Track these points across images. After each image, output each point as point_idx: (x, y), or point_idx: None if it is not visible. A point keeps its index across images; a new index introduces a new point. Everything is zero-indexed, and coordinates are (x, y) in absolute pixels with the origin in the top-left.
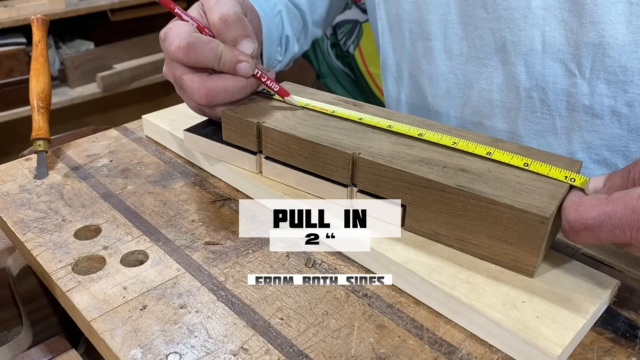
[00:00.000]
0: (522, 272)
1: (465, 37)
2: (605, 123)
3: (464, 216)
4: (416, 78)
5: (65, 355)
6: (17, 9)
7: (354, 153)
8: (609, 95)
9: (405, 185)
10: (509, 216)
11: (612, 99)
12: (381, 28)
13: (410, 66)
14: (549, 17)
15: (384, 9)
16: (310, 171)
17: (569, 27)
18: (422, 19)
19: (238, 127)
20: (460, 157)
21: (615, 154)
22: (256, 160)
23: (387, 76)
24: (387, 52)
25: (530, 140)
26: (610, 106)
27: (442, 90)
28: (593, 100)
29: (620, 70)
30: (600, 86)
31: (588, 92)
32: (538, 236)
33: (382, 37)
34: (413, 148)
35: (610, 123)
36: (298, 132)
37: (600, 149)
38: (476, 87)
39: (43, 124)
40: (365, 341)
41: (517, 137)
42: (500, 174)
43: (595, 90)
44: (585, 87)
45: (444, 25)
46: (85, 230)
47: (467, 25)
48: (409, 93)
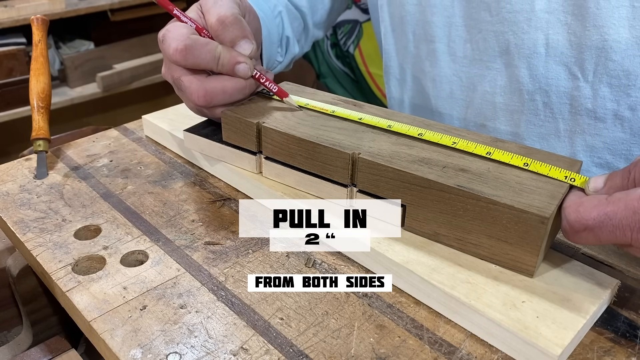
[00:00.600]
0: (522, 272)
1: (469, 39)
2: (608, 126)
3: (463, 216)
4: (419, 80)
5: (65, 355)
6: (17, 9)
7: (354, 153)
8: (611, 98)
9: (405, 185)
10: (508, 216)
11: (615, 103)
12: (384, 30)
13: (414, 68)
14: (552, 20)
15: (387, 11)
16: (310, 171)
17: (572, 31)
18: (426, 21)
19: (238, 127)
20: (460, 157)
21: (617, 157)
22: (256, 161)
23: (390, 78)
24: (390, 54)
25: (533, 143)
26: (613, 110)
27: (445, 92)
28: (596, 104)
29: (623, 74)
30: (603, 90)
31: (591, 96)
32: (538, 236)
33: (385, 39)
34: (413, 148)
35: (613, 127)
36: (298, 132)
37: (602, 153)
38: (479, 89)
39: (43, 124)
40: (365, 341)
41: (520, 140)
42: (500, 174)
43: (598, 93)
44: (588, 91)
45: (448, 27)
46: (85, 230)
47: (471, 28)
48: (412, 95)
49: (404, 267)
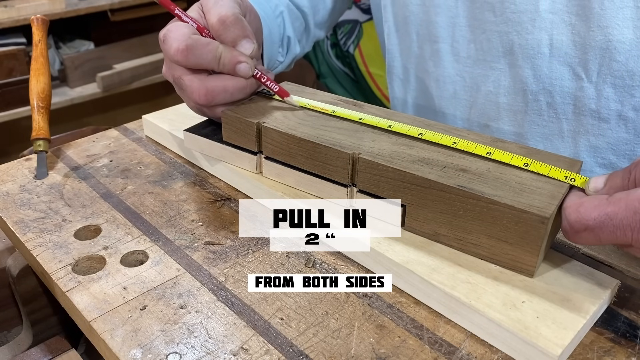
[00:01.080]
0: (522, 272)
1: (473, 39)
2: (612, 127)
3: (464, 216)
4: (423, 80)
5: (65, 355)
6: (17, 9)
7: (354, 153)
8: (615, 99)
9: (405, 185)
10: (509, 216)
11: (619, 103)
12: (388, 30)
13: (417, 68)
14: (557, 21)
15: (391, 11)
16: (311, 171)
17: (576, 31)
18: (430, 21)
19: (238, 127)
20: (461, 157)
21: (621, 157)
22: (256, 161)
23: (393, 78)
24: (393, 54)
25: (536, 143)
26: (617, 110)
27: (449, 92)
28: (600, 104)
29: (627, 74)
30: (607, 90)
31: (595, 96)
32: (538, 236)
33: (388, 40)
34: (413, 148)
35: (616, 127)
36: (298, 132)
37: (606, 153)
38: (483, 89)
39: (43, 124)
40: (365, 341)
41: (523, 140)
42: (500, 174)
43: (602, 94)
44: (592, 91)
45: (452, 28)
46: (85, 230)
47: (475, 28)
48: (415, 95)
49: (404, 267)
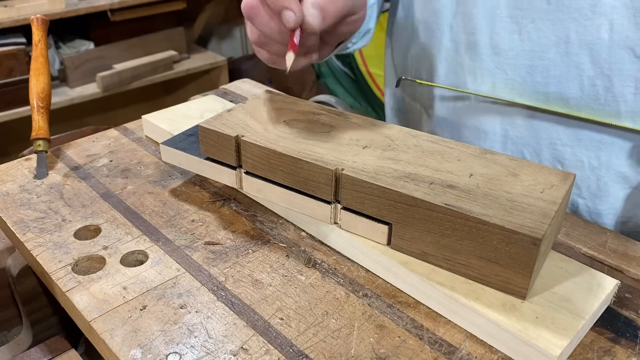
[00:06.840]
0: (513, 294)
1: (518, 30)
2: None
3: (452, 236)
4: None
5: (65, 355)
6: (17, 9)
7: (337, 169)
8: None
9: (390, 203)
10: (499, 237)
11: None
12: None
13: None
14: (618, 5)
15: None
16: (293, 187)
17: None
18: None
19: (216, 140)
20: (448, 173)
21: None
22: (236, 176)
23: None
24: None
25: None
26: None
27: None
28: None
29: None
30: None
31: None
32: (530, 257)
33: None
34: (399, 163)
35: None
36: (278, 146)
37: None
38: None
39: (43, 124)
40: (365, 341)
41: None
42: (489, 189)
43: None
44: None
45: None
46: (85, 230)
47: (520, 19)
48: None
49: (404, 267)
